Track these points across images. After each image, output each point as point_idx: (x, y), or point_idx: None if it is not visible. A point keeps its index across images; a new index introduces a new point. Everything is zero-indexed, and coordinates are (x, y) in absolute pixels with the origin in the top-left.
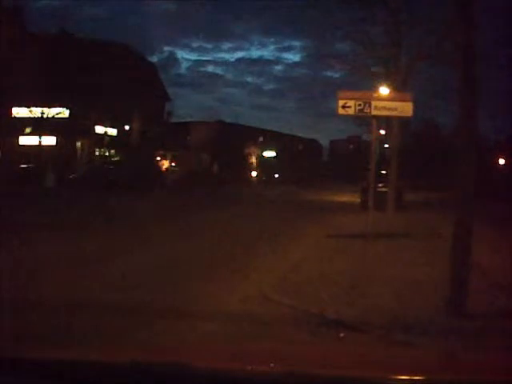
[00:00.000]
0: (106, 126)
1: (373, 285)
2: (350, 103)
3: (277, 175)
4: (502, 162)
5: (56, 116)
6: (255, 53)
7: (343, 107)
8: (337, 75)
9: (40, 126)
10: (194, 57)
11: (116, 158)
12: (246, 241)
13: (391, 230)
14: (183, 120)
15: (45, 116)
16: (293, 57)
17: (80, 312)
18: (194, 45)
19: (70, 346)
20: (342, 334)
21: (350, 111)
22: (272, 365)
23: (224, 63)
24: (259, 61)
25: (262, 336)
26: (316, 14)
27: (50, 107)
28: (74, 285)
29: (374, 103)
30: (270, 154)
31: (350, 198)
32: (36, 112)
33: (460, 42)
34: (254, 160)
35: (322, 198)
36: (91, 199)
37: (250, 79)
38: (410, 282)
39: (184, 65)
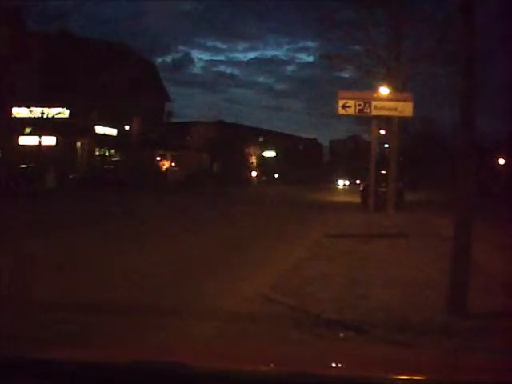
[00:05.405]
0: (105, 126)
1: (373, 285)
2: (350, 103)
3: (277, 175)
4: (502, 162)
5: (56, 116)
6: (269, 53)
7: (343, 107)
8: (345, 76)
9: (40, 126)
10: (207, 57)
11: (116, 158)
12: (246, 242)
13: (391, 230)
14: (183, 120)
15: (45, 116)
16: (306, 57)
17: None
18: (209, 44)
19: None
20: (341, 334)
21: (350, 111)
22: (272, 365)
23: (237, 63)
24: (272, 61)
25: (262, 336)
26: (317, 14)
27: (50, 107)
28: None
29: (374, 103)
30: (270, 154)
31: (350, 197)
32: (36, 112)
33: (460, 45)
34: (254, 160)
35: (322, 198)
36: (94, 199)
37: (261, 79)
38: (410, 281)
39: (197, 64)
